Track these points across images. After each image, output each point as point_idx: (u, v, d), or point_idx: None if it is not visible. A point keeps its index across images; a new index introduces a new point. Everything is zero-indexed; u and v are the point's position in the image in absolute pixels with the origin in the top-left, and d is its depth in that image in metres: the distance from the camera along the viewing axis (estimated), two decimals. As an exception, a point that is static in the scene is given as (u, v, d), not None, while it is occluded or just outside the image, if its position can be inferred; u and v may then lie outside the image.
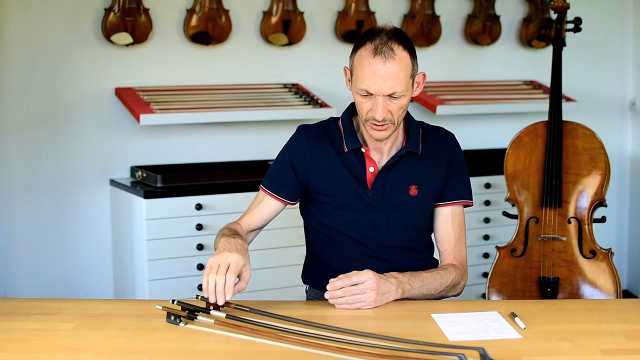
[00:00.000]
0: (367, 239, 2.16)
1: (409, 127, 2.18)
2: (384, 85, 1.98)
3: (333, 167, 2.15)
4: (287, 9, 3.97)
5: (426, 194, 2.17)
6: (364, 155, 2.15)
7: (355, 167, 2.14)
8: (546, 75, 3.60)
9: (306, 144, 2.17)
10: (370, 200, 2.14)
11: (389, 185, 2.14)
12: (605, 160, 2.86)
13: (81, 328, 1.80)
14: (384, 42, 1.99)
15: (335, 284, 1.94)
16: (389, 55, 1.98)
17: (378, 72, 1.98)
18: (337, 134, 2.18)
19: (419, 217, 2.18)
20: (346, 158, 2.15)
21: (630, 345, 1.71)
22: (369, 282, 1.94)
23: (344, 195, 2.14)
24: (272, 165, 2.23)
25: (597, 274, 2.77)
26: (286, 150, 2.20)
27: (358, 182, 2.14)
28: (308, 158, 2.16)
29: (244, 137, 3.98)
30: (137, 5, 3.67)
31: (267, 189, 2.21)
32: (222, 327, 1.76)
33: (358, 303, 1.94)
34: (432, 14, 4.27)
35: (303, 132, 2.20)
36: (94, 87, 3.71)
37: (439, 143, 2.20)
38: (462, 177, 2.22)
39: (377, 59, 1.98)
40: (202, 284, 1.85)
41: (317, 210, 2.20)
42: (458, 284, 2.17)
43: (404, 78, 2.00)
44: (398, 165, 2.15)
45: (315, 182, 2.17)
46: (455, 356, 1.58)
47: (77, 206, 3.72)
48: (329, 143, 2.17)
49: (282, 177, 2.18)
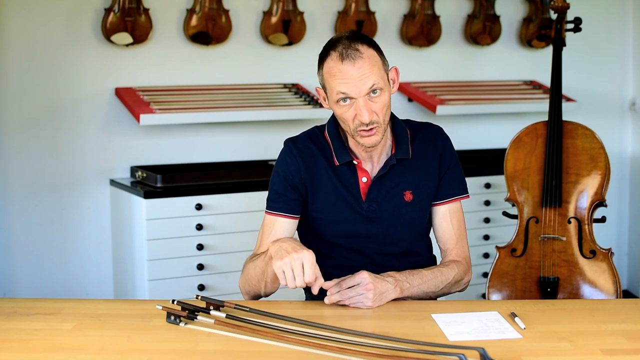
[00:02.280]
0: (367, 249, 2.14)
1: (396, 130, 2.15)
2: (361, 86, 1.96)
3: (326, 182, 2.12)
4: (287, 9, 3.97)
5: (421, 197, 2.15)
6: (356, 167, 2.12)
7: (348, 180, 2.12)
8: (546, 75, 3.60)
9: (299, 159, 2.12)
10: (365, 212, 2.11)
11: (383, 194, 2.12)
12: (605, 160, 2.86)
13: (81, 328, 1.80)
14: (346, 46, 1.98)
15: (333, 290, 1.93)
16: (356, 55, 1.96)
17: (351, 75, 1.96)
18: (326, 146, 2.14)
19: (416, 221, 2.17)
20: (338, 171, 2.12)
21: (630, 345, 1.71)
22: (364, 281, 1.93)
23: (339, 209, 2.12)
24: (270, 187, 2.17)
25: (597, 274, 2.77)
26: (279, 169, 2.15)
27: (352, 195, 2.11)
28: (303, 173, 2.12)
29: (244, 137, 3.98)
30: (137, 5, 3.67)
31: (274, 211, 2.14)
32: (222, 327, 1.76)
33: (357, 304, 1.93)
34: (432, 14, 4.27)
35: (293, 147, 2.15)
36: (94, 87, 3.71)
37: (428, 142, 2.17)
38: (456, 172, 2.20)
39: (346, 64, 1.96)
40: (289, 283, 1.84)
41: (315, 228, 2.17)
42: (461, 279, 2.16)
43: (378, 72, 1.98)
44: (390, 173, 2.12)
45: (312, 198, 2.13)
46: (455, 356, 1.58)
47: (77, 206, 3.72)
48: (320, 156, 2.13)
49: (283, 195, 2.13)
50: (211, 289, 3.46)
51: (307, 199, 2.15)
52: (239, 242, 3.50)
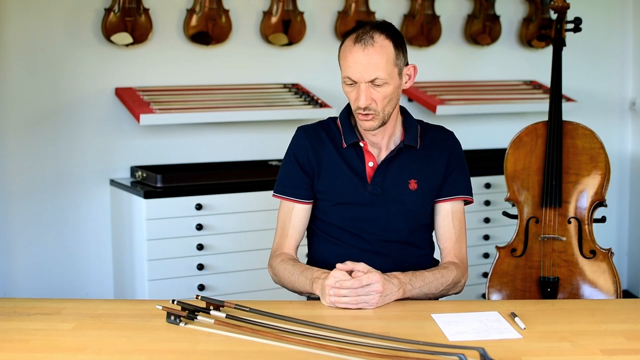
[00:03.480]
0: (367, 234, 2.16)
1: (406, 123, 2.20)
2: (365, 72, 2.01)
3: (333, 164, 2.17)
4: (287, 9, 3.97)
5: (426, 189, 2.18)
6: (363, 150, 2.16)
7: (355, 162, 2.16)
8: (546, 75, 3.60)
9: (307, 142, 2.19)
10: (369, 194, 2.15)
11: (388, 179, 2.15)
12: (605, 160, 2.86)
13: (81, 328, 1.80)
14: (365, 32, 2.04)
15: (345, 283, 1.93)
16: (369, 42, 2.02)
17: (358, 59, 2.02)
18: (336, 131, 2.20)
19: (418, 211, 2.19)
20: (345, 153, 2.17)
21: (630, 345, 1.71)
22: (376, 284, 1.93)
23: (344, 191, 2.16)
24: (281, 170, 2.23)
25: (597, 274, 2.77)
26: (290, 151, 2.22)
27: (358, 177, 2.15)
28: (311, 156, 2.18)
29: (244, 137, 3.98)
30: (137, 5, 3.67)
31: (287, 196, 2.20)
32: (222, 327, 1.76)
33: (361, 304, 1.94)
34: (432, 14, 4.27)
35: (302, 132, 2.22)
36: (94, 87, 3.71)
37: (438, 140, 2.22)
38: (462, 173, 2.23)
39: (357, 47, 2.02)
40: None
41: (317, 207, 2.21)
42: (459, 282, 2.17)
43: (385, 65, 2.02)
44: (397, 159, 2.16)
45: (317, 180, 2.18)
46: (455, 356, 1.58)
47: (77, 206, 3.72)
48: (328, 140, 2.19)
49: (294, 178, 2.19)
50: (211, 289, 3.47)
51: (313, 180, 2.19)
52: (239, 242, 3.50)
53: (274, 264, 2.19)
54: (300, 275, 2.08)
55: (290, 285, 2.13)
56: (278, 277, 2.17)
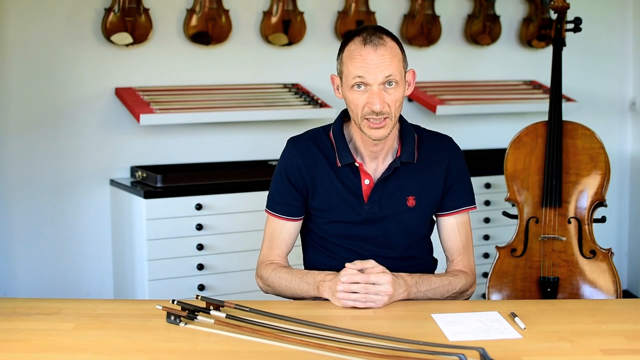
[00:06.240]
0: (365, 251, 2.13)
1: (403, 133, 2.13)
2: (379, 73, 1.97)
3: (327, 182, 2.11)
4: (287, 9, 3.97)
5: (424, 204, 2.14)
6: (358, 169, 2.11)
7: (350, 181, 2.11)
8: (546, 75, 3.60)
9: (299, 160, 2.13)
10: (367, 213, 2.10)
11: (385, 197, 2.11)
12: (605, 160, 2.86)
13: (81, 328, 1.80)
14: (371, 33, 2.00)
15: (355, 277, 1.93)
16: (380, 42, 1.98)
17: (371, 60, 1.97)
18: (329, 146, 2.13)
19: (417, 227, 2.16)
20: (340, 172, 2.11)
21: (630, 345, 1.71)
22: (387, 286, 1.92)
23: (340, 210, 2.11)
24: (271, 186, 2.18)
25: (597, 274, 2.77)
26: (281, 168, 2.16)
27: (354, 196, 2.10)
28: (304, 174, 2.12)
29: (244, 137, 3.98)
30: (137, 5, 3.67)
31: (279, 214, 2.16)
32: (222, 327, 1.76)
33: (369, 302, 1.93)
34: (432, 14, 4.27)
35: (294, 148, 2.15)
36: (94, 87, 3.71)
37: (436, 151, 2.16)
38: (464, 183, 2.18)
39: (367, 48, 1.98)
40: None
41: (313, 223, 2.17)
42: (466, 290, 2.15)
43: (397, 64, 1.99)
44: (394, 177, 2.11)
45: (311, 197, 2.14)
46: (455, 356, 1.58)
47: (77, 206, 3.72)
48: (322, 157, 2.12)
49: (285, 196, 2.14)
50: (211, 289, 3.47)
51: (307, 198, 2.15)
52: (239, 242, 3.50)
53: (264, 275, 2.14)
54: (301, 282, 2.05)
55: (289, 293, 2.09)
56: (272, 287, 2.13)
